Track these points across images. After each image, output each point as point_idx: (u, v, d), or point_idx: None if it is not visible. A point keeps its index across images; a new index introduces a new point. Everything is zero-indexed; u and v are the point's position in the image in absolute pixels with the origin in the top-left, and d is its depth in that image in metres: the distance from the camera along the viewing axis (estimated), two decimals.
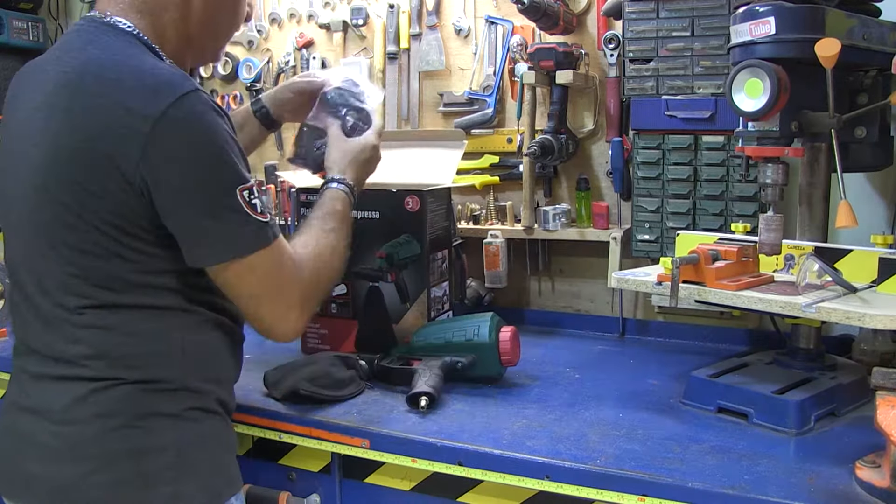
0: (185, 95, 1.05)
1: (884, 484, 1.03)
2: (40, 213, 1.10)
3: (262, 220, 1.10)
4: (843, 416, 1.33)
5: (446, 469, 1.25)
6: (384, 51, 2.19)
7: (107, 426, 1.09)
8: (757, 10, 1.29)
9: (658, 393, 1.48)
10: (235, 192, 1.07)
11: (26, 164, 1.11)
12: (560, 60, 1.83)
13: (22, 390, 1.16)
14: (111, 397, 1.10)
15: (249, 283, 1.11)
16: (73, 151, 1.06)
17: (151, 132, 1.03)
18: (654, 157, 1.75)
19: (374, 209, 1.67)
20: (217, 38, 1.29)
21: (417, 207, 1.64)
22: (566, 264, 2.04)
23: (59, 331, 1.11)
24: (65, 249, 1.09)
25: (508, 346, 1.51)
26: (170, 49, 1.19)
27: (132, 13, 1.16)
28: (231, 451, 1.22)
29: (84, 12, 2.60)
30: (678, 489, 1.08)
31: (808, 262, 1.31)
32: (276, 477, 1.46)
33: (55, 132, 1.08)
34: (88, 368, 1.10)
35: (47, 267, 1.11)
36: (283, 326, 1.16)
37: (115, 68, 1.08)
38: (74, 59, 1.11)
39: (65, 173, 1.07)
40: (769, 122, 1.30)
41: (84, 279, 1.09)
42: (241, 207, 1.07)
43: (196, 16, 1.21)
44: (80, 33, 1.15)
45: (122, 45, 1.12)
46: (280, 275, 1.14)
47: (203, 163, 1.06)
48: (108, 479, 1.09)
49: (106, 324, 1.10)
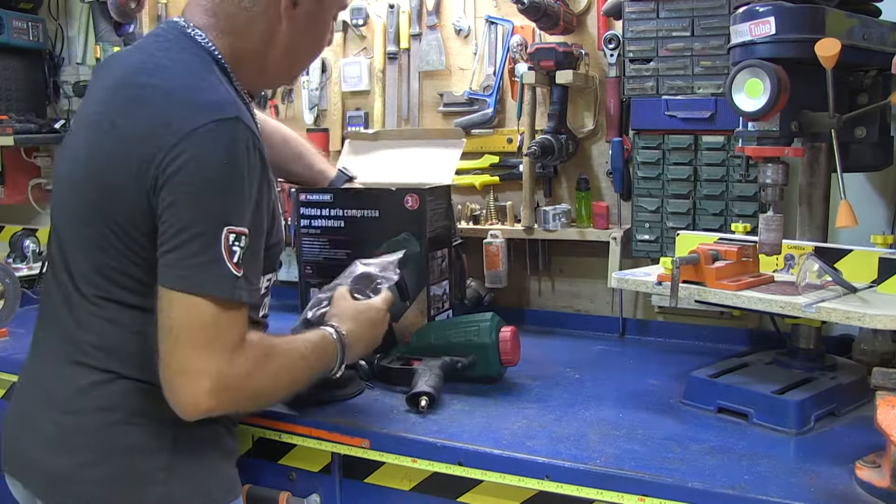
0: (225, 120, 1.04)
1: (884, 484, 1.03)
2: (71, 203, 1.14)
3: (234, 271, 1.02)
4: (843, 416, 1.33)
5: (446, 469, 1.25)
6: (384, 51, 2.19)
7: (106, 420, 1.10)
8: (757, 10, 1.29)
9: (658, 393, 1.48)
10: (222, 229, 1.02)
11: (74, 154, 1.15)
12: (560, 60, 1.83)
13: (38, 373, 1.19)
14: (111, 391, 1.11)
15: (176, 320, 1.02)
16: (108, 154, 1.08)
17: (177, 143, 1.03)
18: (654, 157, 1.75)
19: (373, 208, 1.68)
20: (296, 64, 1.30)
21: (417, 206, 1.65)
22: (566, 264, 2.04)
23: (75, 314, 1.13)
24: (87, 242, 1.11)
25: (508, 346, 1.51)
26: (245, 73, 1.19)
27: (215, 31, 1.16)
28: (229, 458, 1.22)
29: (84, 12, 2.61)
30: (678, 489, 1.08)
31: (808, 262, 1.31)
32: (276, 477, 1.46)
33: (99, 131, 1.10)
34: (92, 357, 1.11)
35: (74, 254, 1.14)
36: (187, 388, 1.02)
37: (173, 81, 1.09)
38: (142, 63, 1.12)
39: (97, 174, 1.09)
40: (769, 122, 1.30)
41: (99, 273, 1.11)
42: (217, 245, 1.01)
43: (279, 47, 1.21)
44: (159, 38, 1.16)
45: (192, 59, 1.12)
46: (215, 334, 1.02)
47: (205, 186, 1.03)
48: (101, 473, 1.10)
49: (116, 318, 1.11)
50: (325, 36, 1.29)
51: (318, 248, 1.75)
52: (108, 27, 2.41)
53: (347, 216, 1.70)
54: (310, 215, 1.73)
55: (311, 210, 1.73)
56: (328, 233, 1.73)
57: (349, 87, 2.24)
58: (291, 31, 1.20)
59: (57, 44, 2.66)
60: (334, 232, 1.72)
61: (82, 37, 2.63)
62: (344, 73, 2.24)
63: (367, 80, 2.22)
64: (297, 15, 1.20)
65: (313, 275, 1.75)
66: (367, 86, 2.22)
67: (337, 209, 1.71)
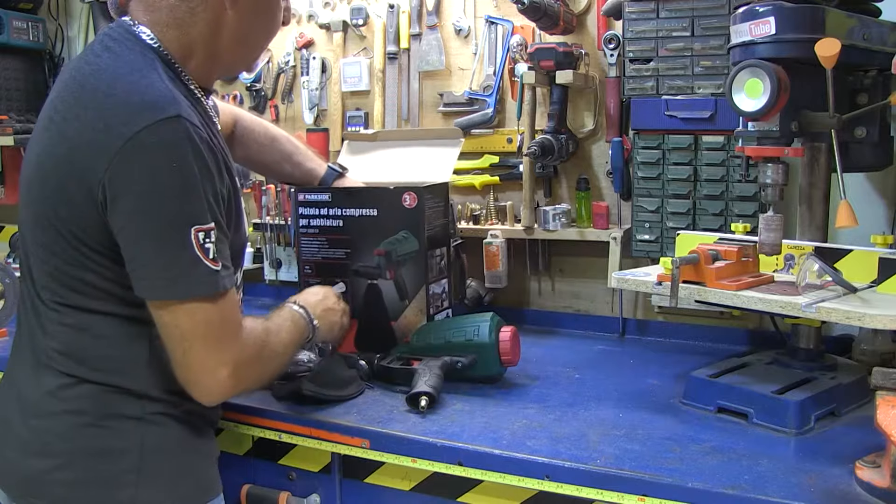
0: (166, 120, 1.02)
1: (884, 484, 1.03)
2: (27, 211, 1.15)
3: (212, 266, 1.04)
4: (843, 416, 1.33)
5: (446, 469, 1.25)
6: (384, 51, 2.19)
7: (74, 423, 1.10)
8: (757, 10, 1.29)
9: (658, 393, 1.48)
10: (189, 230, 1.02)
11: (29, 158, 1.15)
12: (560, 60, 1.83)
13: (13, 377, 1.20)
14: (78, 394, 1.11)
15: (183, 328, 1.05)
16: (56, 158, 1.08)
17: (120, 150, 1.02)
18: (654, 157, 1.75)
19: (372, 207, 1.67)
20: (252, 49, 1.27)
21: (415, 204, 1.64)
22: (566, 264, 2.04)
23: (40, 320, 1.14)
24: (42, 248, 1.12)
25: (508, 346, 1.51)
26: (194, 64, 1.18)
27: (159, 26, 1.15)
28: (205, 457, 1.21)
29: (84, 12, 2.61)
30: (678, 489, 1.08)
31: (808, 262, 1.31)
32: (276, 477, 1.46)
33: (49, 136, 1.11)
34: (57, 362, 1.12)
35: (35, 260, 1.15)
36: (208, 382, 1.08)
37: (112, 82, 1.08)
38: (88, 64, 1.12)
39: (46, 178, 1.10)
40: (769, 122, 1.30)
41: (55, 279, 1.11)
42: (190, 247, 1.02)
43: (229, 31, 1.19)
44: (104, 38, 1.15)
45: (134, 58, 1.11)
46: (221, 328, 1.07)
47: (161, 192, 1.02)
48: (72, 476, 1.10)
49: (76, 323, 1.11)
50: (278, 15, 1.26)
51: (316, 248, 1.75)
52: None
53: (346, 215, 1.70)
54: (308, 215, 1.73)
55: (310, 210, 1.73)
56: (327, 232, 1.73)
57: (349, 87, 2.24)
58: (238, 16, 1.18)
59: (57, 44, 2.66)
60: (333, 231, 1.72)
61: (82, 37, 2.64)
62: (344, 73, 2.24)
63: (367, 80, 2.22)
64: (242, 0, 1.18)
65: (312, 274, 1.75)
66: (367, 86, 2.22)
67: (335, 208, 1.71)
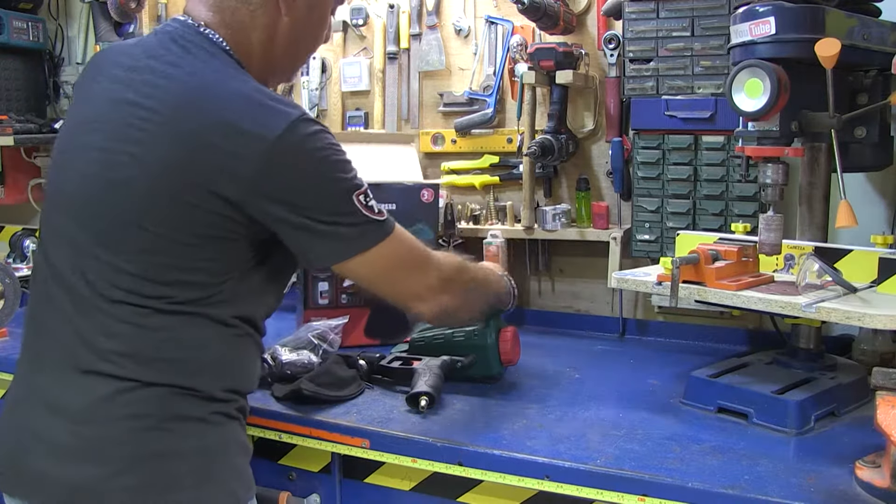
0: (299, 120, 1.07)
1: (884, 484, 1.03)
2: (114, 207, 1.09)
3: (380, 218, 1.15)
4: (843, 416, 1.33)
5: (446, 469, 1.25)
6: (384, 51, 2.19)
7: (134, 427, 1.07)
8: (757, 10, 1.29)
9: (658, 393, 1.48)
10: (352, 199, 1.11)
11: (104, 157, 1.10)
12: (560, 60, 1.83)
13: (35, 383, 1.14)
14: (140, 398, 1.08)
15: (381, 269, 1.18)
16: (176, 161, 1.05)
17: (269, 153, 1.04)
18: (654, 157, 1.75)
19: (392, 201, 1.77)
20: (299, 58, 1.30)
21: (431, 198, 1.81)
22: (566, 264, 2.04)
23: (94, 319, 1.09)
24: (133, 246, 1.08)
25: (508, 346, 1.51)
26: (255, 69, 1.18)
27: (223, 28, 1.15)
28: (247, 455, 1.21)
29: (84, 12, 2.61)
30: (678, 489, 1.08)
31: (808, 262, 1.31)
32: (276, 477, 1.46)
33: (157, 137, 1.07)
34: (117, 366, 1.08)
35: (99, 257, 1.09)
36: (424, 301, 1.24)
37: (223, 86, 1.08)
38: (175, 65, 1.10)
39: (162, 179, 1.06)
40: (769, 122, 1.30)
41: (142, 278, 1.08)
42: (359, 213, 1.12)
43: (282, 38, 1.20)
44: (176, 38, 1.13)
45: (220, 64, 1.12)
46: (411, 255, 1.22)
47: (323, 177, 1.10)
48: (133, 482, 1.07)
49: (147, 323, 1.08)
50: (325, 30, 1.29)
51: None
52: (108, 27, 2.41)
53: None
54: None
55: None
56: None
57: (349, 87, 2.24)
58: (292, 24, 1.20)
59: (57, 44, 2.66)
60: None
61: (82, 37, 2.63)
62: (344, 73, 2.24)
63: (367, 80, 2.22)
64: (297, 7, 1.20)
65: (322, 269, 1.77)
66: (367, 86, 2.22)
67: None
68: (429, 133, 2.15)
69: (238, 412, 1.18)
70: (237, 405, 1.18)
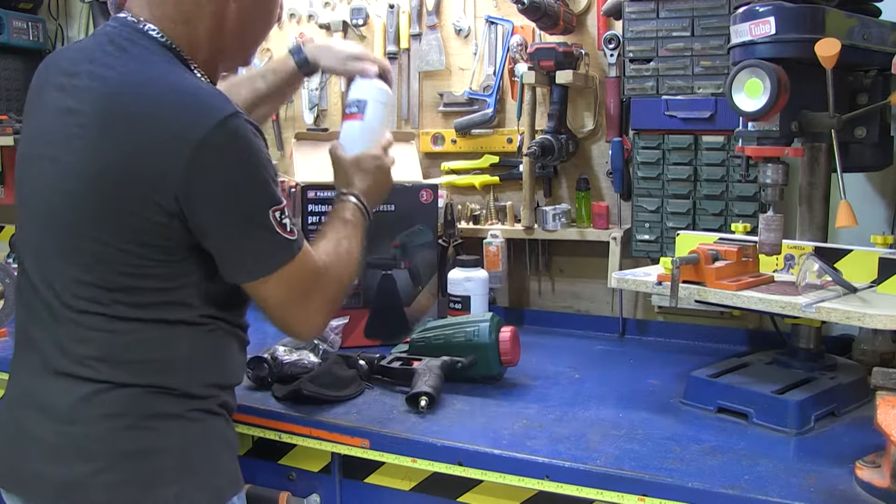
0: (228, 118, 1.05)
1: (884, 484, 1.03)
2: (64, 219, 1.10)
3: (290, 237, 1.13)
4: (843, 416, 1.33)
5: (446, 469, 1.25)
6: (384, 51, 2.19)
7: (114, 426, 1.09)
8: (757, 10, 1.29)
9: (658, 393, 1.48)
10: (269, 212, 1.09)
11: (54, 168, 1.10)
12: (560, 60, 1.83)
13: (26, 386, 1.16)
14: (116, 398, 1.09)
15: (278, 295, 1.15)
16: (109, 167, 1.05)
17: (193, 155, 1.03)
18: (654, 157, 1.75)
19: (389, 203, 1.73)
20: (250, 44, 1.28)
21: (430, 199, 1.78)
22: (566, 264, 2.04)
23: (66, 327, 1.11)
24: (85, 257, 1.08)
25: (508, 346, 1.51)
26: (202, 59, 1.18)
27: (166, 21, 1.14)
28: (233, 451, 1.22)
29: (84, 12, 2.61)
30: (678, 489, 1.08)
31: (808, 262, 1.31)
32: (276, 477, 1.46)
33: (91, 144, 1.06)
34: (92, 370, 1.09)
35: (59, 268, 1.11)
36: (306, 328, 1.22)
37: (154, 84, 1.07)
38: (110, 67, 1.09)
39: (97, 187, 1.06)
40: (769, 122, 1.30)
41: (98, 287, 1.08)
42: (272, 228, 1.10)
43: (231, 24, 1.19)
44: (113, 39, 1.13)
45: (159, 59, 1.10)
46: (305, 284, 1.17)
47: (243, 186, 1.08)
48: (114, 478, 1.09)
49: (113, 328, 1.09)
50: (275, 11, 1.27)
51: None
52: None
53: None
54: (318, 212, 1.74)
55: (319, 207, 1.73)
56: None
57: None
58: (240, 10, 1.19)
59: (57, 44, 2.66)
60: None
61: (82, 37, 2.63)
62: None
63: None
64: None
65: None
66: None
67: None
68: (429, 133, 2.15)
69: (221, 408, 1.19)
70: (219, 401, 1.18)
